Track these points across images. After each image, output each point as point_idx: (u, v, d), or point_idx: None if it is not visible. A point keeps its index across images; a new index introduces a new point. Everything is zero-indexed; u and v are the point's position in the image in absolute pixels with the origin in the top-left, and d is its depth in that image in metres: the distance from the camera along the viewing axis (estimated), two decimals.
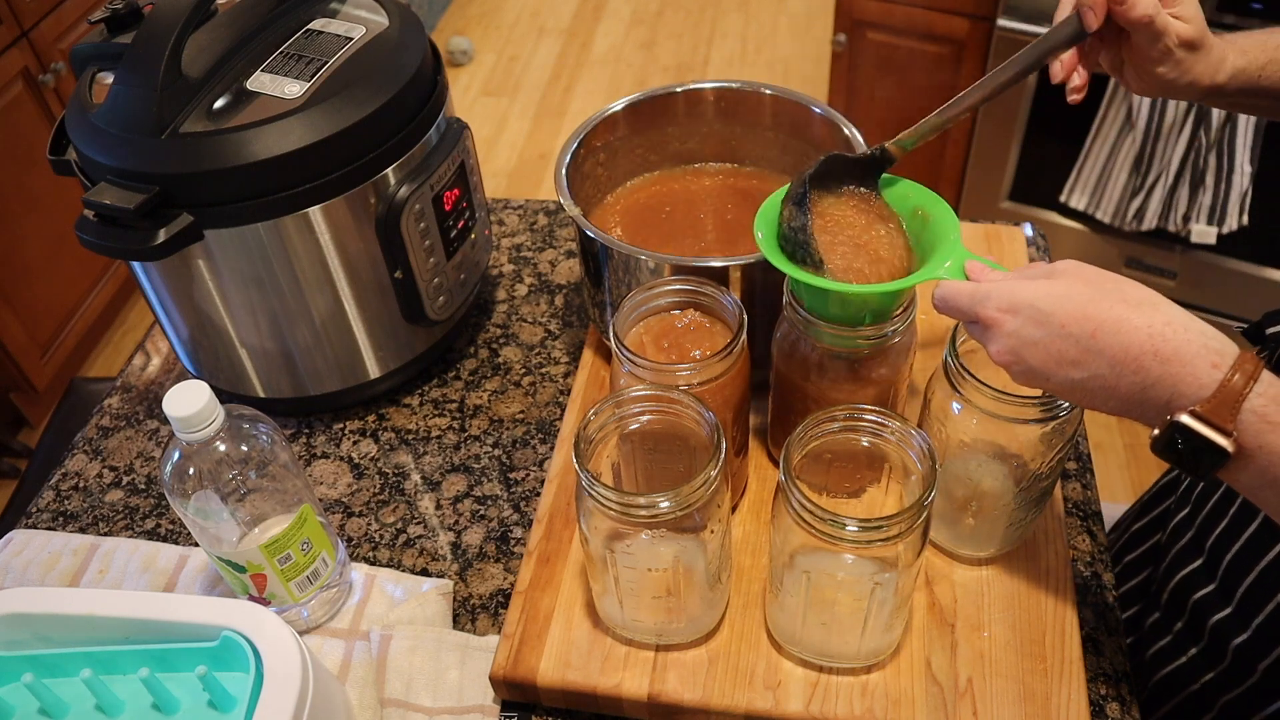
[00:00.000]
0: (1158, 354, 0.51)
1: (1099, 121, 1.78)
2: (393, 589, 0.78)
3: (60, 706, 0.63)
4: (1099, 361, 0.52)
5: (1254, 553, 0.71)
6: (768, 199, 0.71)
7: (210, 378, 0.90)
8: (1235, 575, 0.73)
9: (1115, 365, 0.52)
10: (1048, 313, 0.54)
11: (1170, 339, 0.51)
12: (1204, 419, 0.49)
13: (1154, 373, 0.51)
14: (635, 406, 0.64)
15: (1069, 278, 0.55)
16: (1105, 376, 0.52)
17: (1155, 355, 0.51)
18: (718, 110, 0.93)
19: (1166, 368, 0.50)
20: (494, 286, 1.06)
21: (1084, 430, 0.87)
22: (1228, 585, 0.74)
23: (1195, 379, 0.50)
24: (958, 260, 0.63)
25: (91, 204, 0.73)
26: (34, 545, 0.84)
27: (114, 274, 2.37)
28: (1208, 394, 0.49)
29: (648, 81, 3.20)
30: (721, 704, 0.67)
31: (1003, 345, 0.56)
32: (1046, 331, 0.54)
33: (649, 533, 0.62)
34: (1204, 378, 0.50)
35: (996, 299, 0.56)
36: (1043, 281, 0.55)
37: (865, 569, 0.61)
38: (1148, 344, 0.51)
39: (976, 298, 0.57)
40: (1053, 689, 0.66)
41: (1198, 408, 0.49)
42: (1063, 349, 0.53)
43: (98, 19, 0.84)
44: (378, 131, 0.78)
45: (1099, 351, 0.52)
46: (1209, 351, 0.50)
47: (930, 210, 0.69)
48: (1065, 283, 0.55)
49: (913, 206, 0.70)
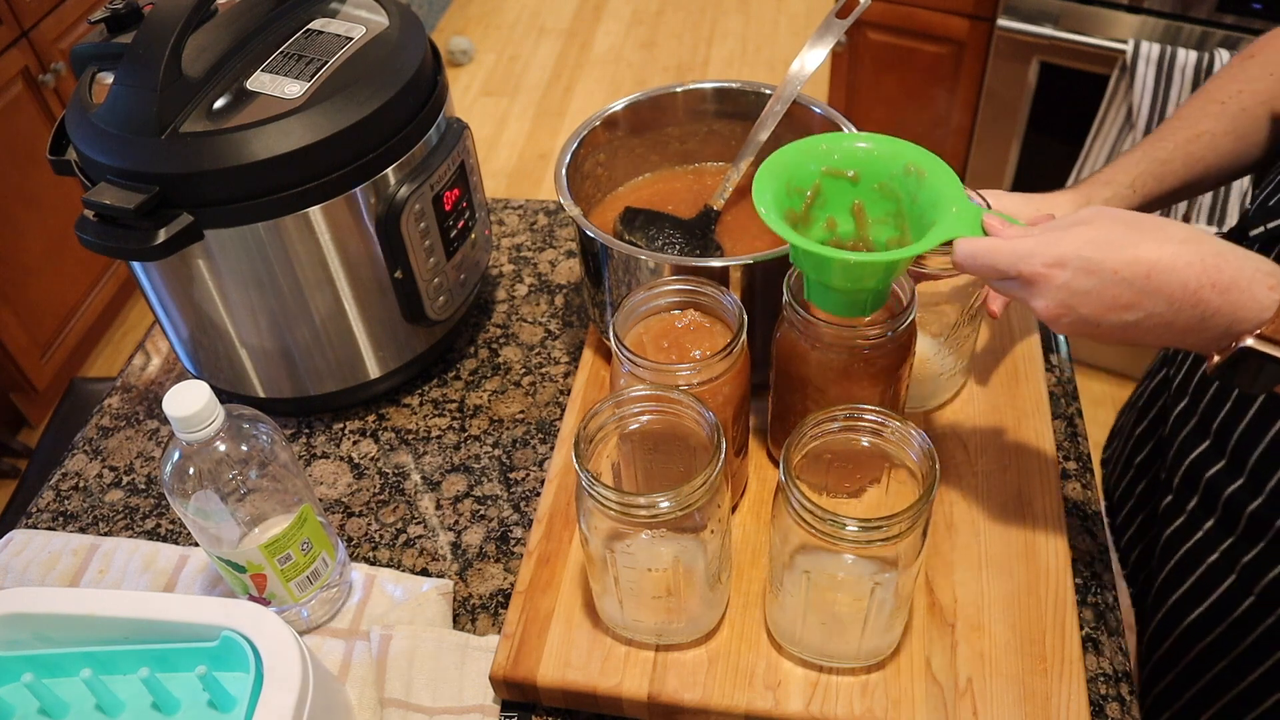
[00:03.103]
0: (1215, 285, 0.53)
1: (1099, 121, 1.78)
2: (393, 589, 0.78)
3: (60, 706, 0.63)
4: (1155, 301, 0.54)
5: (1261, 426, 0.74)
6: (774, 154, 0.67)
7: (210, 378, 0.90)
8: (1245, 448, 0.76)
9: (1173, 302, 0.53)
10: (1098, 261, 0.54)
11: (1224, 269, 0.53)
12: (1269, 339, 0.52)
13: (1213, 303, 0.53)
14: (635, 406, 0.64)
15: (1105, 221, 0.56)
16: (1163, 314, 0.54)
17: (1213, 287, 0.53)
18: (718, 110, 0.94)
19: (1225, 297, 0.53)
20: (494, 286, 1.06)
21: (1083, 430, 0.87)
22: (1238, 459, 0.77)
23: (1255, 303, 0.52)
24: (971, 216, 0.61)
25: (91, 204, 0.73)
26: (34, 545, 0.84)
27: (114, 274, 2.37)
28: (1269, 315, 0.52)
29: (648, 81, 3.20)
30: (721, 704, 0.67)
31: (1053, 300, 0.56)
32: (1098, 280, 0.54)
33: (649, 533, 0.62)
34: (1264, 300, 0.52)
35: (1041, 254, 0.56)
36: (1084, 229, 0.56)
37: (865, 569, 0.61)
38: (1204, 276, 0.53)
39: (1019, 254, 0.57)
40: (1053, 689, 0.66)
41: (1263, 330, 0.52)
42: (1116, 294, 0.54)
43: (98, 19, 0.84)
44: (378, 131, 0.78)
45: (1154, 292, 0.53)
46: (1263, 275, 0.53)
47: (923, 165, 0.65)
48: (1105, 228, 0.55)
49: (904, 164, 0.65)
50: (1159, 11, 1.68)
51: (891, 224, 0.68)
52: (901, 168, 0.66)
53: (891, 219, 0.67)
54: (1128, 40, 1.70)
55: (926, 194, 0.64)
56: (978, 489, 0.78)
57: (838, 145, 0.67)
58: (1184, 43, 1.68)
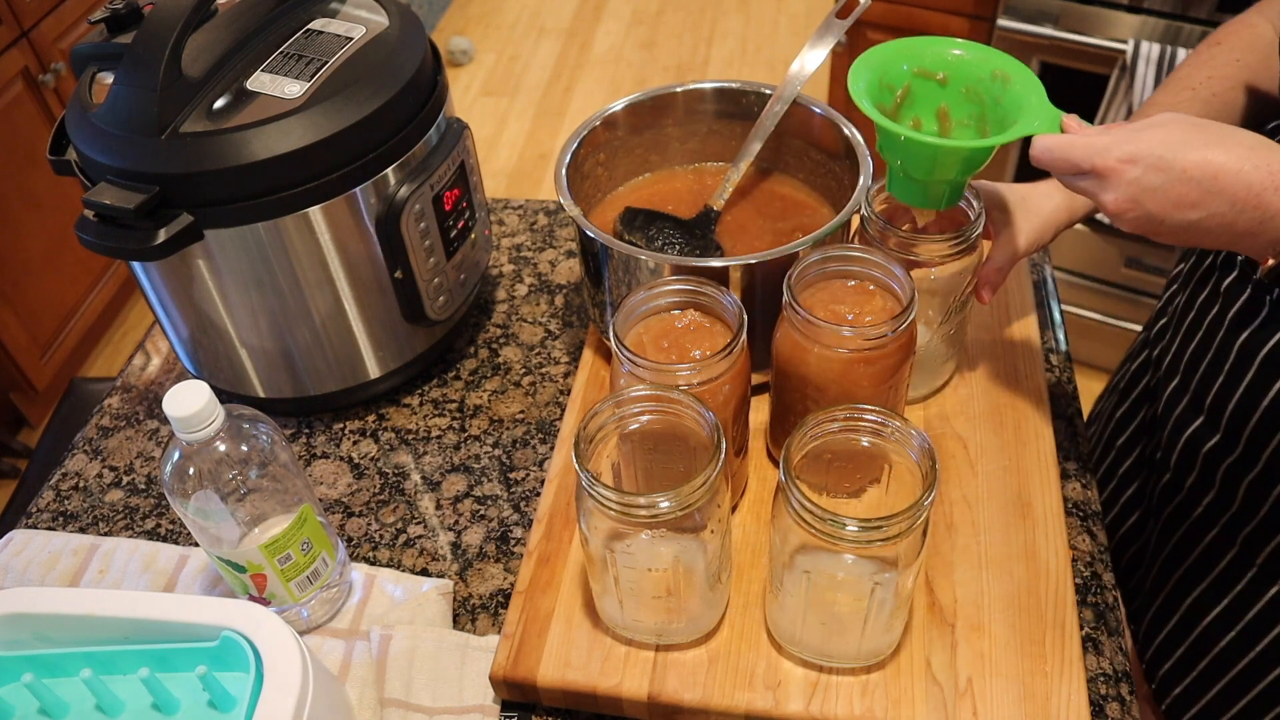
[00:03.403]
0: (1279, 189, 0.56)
1: (1099, 121, 1.78)
2: (393, 589, 0.78)
3: (60, 706, 0.63)
4: (1219, 201, 0.57)
5: (1253, 397, 0.75)
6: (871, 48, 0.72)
7: (210, 378, 0.90)
8: (1239, 420, 0.77)
9: (1235, 203, 0.56)
10: (1168, 159, 0.57)
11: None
12: None
13: (1275, 206, 0.56)
14: (635, 406, 0.64)
15: (1178, 125, 0.59)
16: (1224, 214, 0.57)
17: (1277, 190, 0.56)
18: (718, 110, 0.94)
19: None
20: (494, 286, 1.06)
21: (1083, 430, 0.87)
22: (1232, 431, 0.78)
23: None
24: (1051, 117, 0.65)
25: (91, 204, 0.73)
26: (34, 545, 0.84)
27: (114, 274, 2.37)
28: None
29: (648, 81, 3.20)
30: (721, 704, 0.67)
31: (1123, 194, 0.59)
32: (1168, 177, 0.57)
33: (649, 533, 0.62)
34: None
35: (1116, 150, 0.59)
36: (1157, 130, 0.59)
37: (865, 569, 0.61)
38: (1269, 180, 0.56)
39: (1095, 149, 0.60)
40: (1053, 689, 0.67)
41: None
42: (1184, 192, 0.57)
43: (98, 19, 0.83)
44: (378, 131, 0.78)
45: (1220, 192, 0.56)
46: None
47: (1009, 70, 0.70)
48: (1179, 130, 0.58)
49: (992, 69, 0.71)
50: (1159, 11, 1.69)
51: (974, 127, 0.73)
52: (989, 72, 0.71)
53: (974, 122, 0.73)
54: (1128, 40, 1.70)
55: (1011, 98, 0.69)
56: (978, 489, 0.78)
57: (930, 48, 0.73)
58: (1184, 43, 1.68)
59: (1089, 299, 2.05)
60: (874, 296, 0.72)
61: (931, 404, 0.86)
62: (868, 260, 0.72)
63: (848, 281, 0.73)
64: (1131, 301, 2.01)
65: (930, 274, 0.76)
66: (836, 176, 0.89)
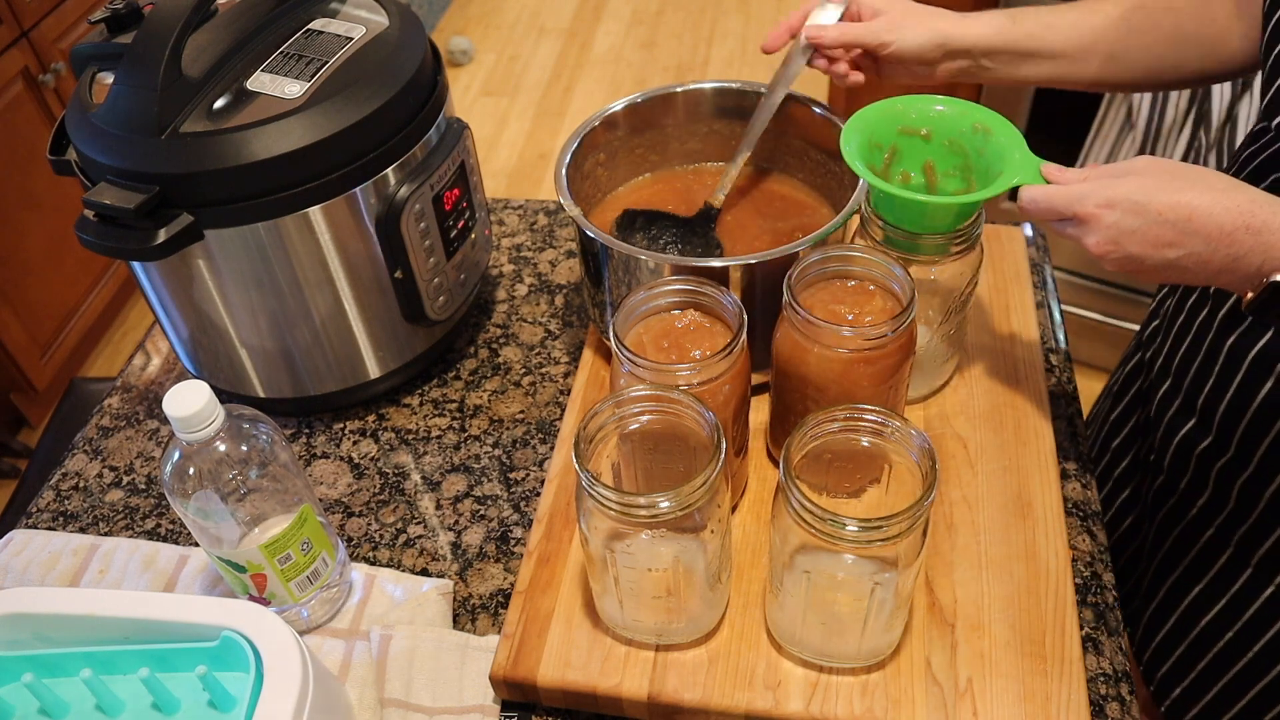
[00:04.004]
0: (1249, 228, 0.58)
1: (1099, 122, 1.78)
2: (393, 589, 0.78)
3: (60, 706, 0.63)
4: (1194, 241, 0.60)
5: (1244, 399, 0.77)
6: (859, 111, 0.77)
7: (210, 378, 0.90)
8: (1230, 422, 0.79)
9: (1210, 242, 0.59)
10: (1144, 203, 0.61)
11: (1258, 214, 0.58)
12: None
13: (1246, 244, 0.59)
14: (635, 406, 0.64)
15: (1154, 170, 0.62)
16: (1200, 253, 0.60)
17: (1247, 229, 0.58)
18: (718, 110, 0.94)
19: (1258, 238, 0.58)
20: (494, 286, 1.06)
21: (1083, 430, 0.87)
22: (1224, 433, 0.79)
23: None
24: (1032, 166, 0.69)
25: (91, 204, 0.73)
26: (34, 545, 0.84)
27: (114, 274, 2.37)
28: None
29: (648, 81, 3.20)
30: (721, 704, 0.67)
31: (1103, 236, 0.63)
32: (1144, 220, 0.61)
33: (649, 533, 0.62)
34: None
35: (1094, 197, 0.63)
36: (1132, 178, 0.62)
37: (865, 569, 0.61)
38: (1238, 220, 0.59)
39: (1073, 197, 0.64)
40: (1053, 689, 0.67)
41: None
42: (1159, 234, 0.60)
43: (98, 19, 0.84)
44: (378, 131, 0.78)
45: (1194, 232, 0.60)
46: None
47: (989, 123, 0.75)
48: (1154, 176, 0.62)
49: (972, 122, 0.76)
50: None
51: (959, 176, 0.78)
52: (969, 126, 0.76)
53: (959, 172, 0.78)
54: None
55: (992, 148, 0.74)
56: (978, 489, 0.78)
57: (914, 105, 0.78)
58: None
59: (1089, 299, 2.05)
60: (874, 296, 0.72)
61: (931, 404, 0.86)
62: (868, 260, 0.72)
63: (848, 281, 0.73)
64: (1131, 301, 2.01)
65: (930, 274, 0.76)
66: (836, 176, 0.89)
